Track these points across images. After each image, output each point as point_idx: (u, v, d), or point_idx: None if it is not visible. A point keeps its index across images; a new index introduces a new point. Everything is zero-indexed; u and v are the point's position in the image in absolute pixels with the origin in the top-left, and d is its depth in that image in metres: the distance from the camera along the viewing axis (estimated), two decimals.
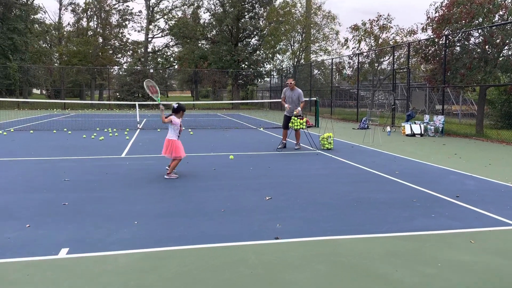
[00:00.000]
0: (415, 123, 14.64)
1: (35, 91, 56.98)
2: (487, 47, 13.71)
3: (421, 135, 14.15)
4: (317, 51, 36.00)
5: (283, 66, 37.92)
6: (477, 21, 14.11)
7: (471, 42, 14.57)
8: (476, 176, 7.37)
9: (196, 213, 5.05)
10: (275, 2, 38.94)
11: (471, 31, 14.23)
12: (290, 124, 10.48)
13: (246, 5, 39.02)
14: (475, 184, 6.74)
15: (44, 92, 56.34)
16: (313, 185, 6.58)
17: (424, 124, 14.54)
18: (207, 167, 8.06)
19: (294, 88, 10.61)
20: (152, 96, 7.75)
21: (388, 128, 15.13)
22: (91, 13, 47.31)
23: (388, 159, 9.25)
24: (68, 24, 49.95)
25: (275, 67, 39.71)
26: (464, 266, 3.62)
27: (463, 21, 14.24)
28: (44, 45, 47.17)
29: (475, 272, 3.49)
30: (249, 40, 41.22)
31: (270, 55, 38.08)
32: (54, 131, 14.91)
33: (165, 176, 6.99)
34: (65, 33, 48.45)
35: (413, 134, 14.15)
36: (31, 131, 14.65)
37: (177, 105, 7.22)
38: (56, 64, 46.26)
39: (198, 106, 37.54)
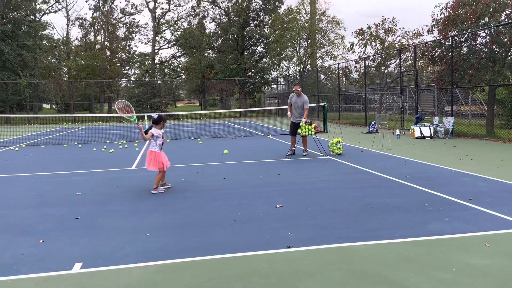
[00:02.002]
0: (424, 125, 14.54)
1: (45, 106, 57.72)
2: (494, 46, 13.61)
3: (431, 137, 14.05)
4: (323, 56, 36.03)
5: (290, 72, 38.03)
6: (483, 21, 14.03)
7: (478, 42, 14.48)
8: (488, 178, 7.28)
9: (208, 223, 5.06)
10: (279, 9, 39.15)
11: (478, 31, 14.15)
12: (298, 131, 10.48)
13: (251, 14, 39.27)
14: (488, 186, 6.67)
15: (54, 106, 57.04)
16: (323, 192, 6.56)
17: (434, 126, 14.44)
18: (217, 176, 8.08)
19: (300, 95, 10.62)
20: (126, 117, 7.46)
21: (398, 131, 15.04)
22: (98, 27, 47.94)
23: (399, 162, 9.19)
24: (76, 38, 50.74)
25: (282, 73, 39.81)
26: (480, 270, 3.57)
27: (469, 22, 14.18)
28: (53, 60, 47.88)
29: (491, 276, 3.45)
30: (255, 48, 41.42)
31: (276, 62, 38.22)
32: (65, 145, 15.07)
33: (152, 191, 6.76)
34: (73, 47, 49.13)
35: (423, 137, 14.06)
36: (42, 146, 14.81)
37: (157, 115, 7.05)
38: (65, 79, 46.87)
39: (206, 115, 37.71)
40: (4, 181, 8.25)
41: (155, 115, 7.07)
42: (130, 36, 48.59)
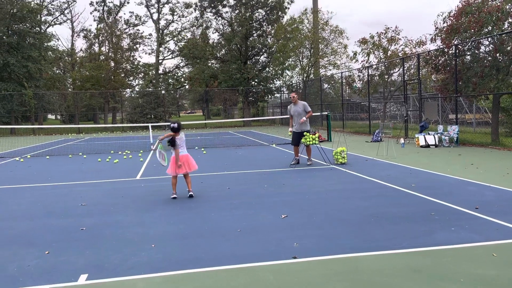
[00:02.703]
0: (429, 133, 14.51)
1: (50, 116, 58.10)
2: (498, 55, 13.62)
3: (436, 145, 14.00)
4: (326, 65, 36.13)
5: (293, 81, 38.14)
6: (486, 30, 14.06)
7: (481, 50, 14.49)
8: (494, 187, 7.24)
9: (213, 234, 5.05)
10: (282, 19, 39.38)
11: (481, 40, 14.17)
12: (302, 140, 10.47)
13: (254, 24, 39.55)
14: (494, 195, 6.63)
15: (58, 117, 57.39)
16: (328, 201, 6.54)
17: (438, 134, 14.40)
18: (221, 186, 8.07)
19: (297, 102, 10.62)
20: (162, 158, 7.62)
21: (402, 140, 15.01)
22: (103, 38, 48.36)
23: (404, 171, 9.16)
24: (81, 50, 51.14)
25: (285, 83, 39.93)
26: (487, 280, 3.54)
27: (472, 30, 14.21)
28: (57, 71, 48.25)
29: (498, 286, 3.41)
30: (258, 57, 41.64)
31: (280, 71, 38.36)
32: (70, 155, 15.12)
33: (192, 194, 7.21)
34: (77, 58, 49.54)
35: (427, 145, 14.01)
36: (47, 157, 14.87)
37: (176, 124, 7.16)
38: (69, 89, 47.20)
39: (209, 124, 37.79)
40: (9, 192, 8.28)
41: (173, 124, 7.17)
42: (134, 47, 48.98)
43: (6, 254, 4.58)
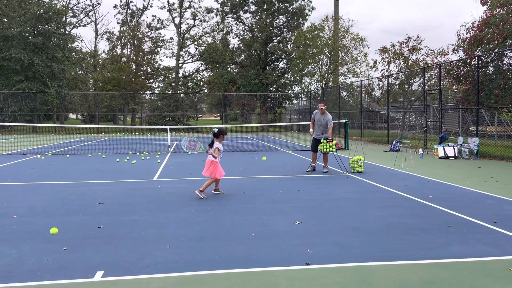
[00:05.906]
0: (448, 145, 14.30)
1: (71, 116, 59.21)
2: None
3: (455, 157, 13.80)
4: (346, 73, 36.00)
5: (311, 88, 38.09)
6: (510, 41, 13.84)
7: (505, 62, 14.26)
8: None
9: (227, 237, 5.09)
10: (302, 26, 39.43)
11: (505, 51, 13.95)
12: (319, 147, 10.45)
13: (274, 30, 39.68)
14: None
15: (79, 117, 58.45)
16: (344, 209, 6.51)
17: (458, 146, 14.19)
18: (237, 191, 8.12)
19: (324, 113, 10.63)
20: (193, 152, 8.13)
21: (421, 151, 14.83)
22: (125, 41, 49.16)
23: (421, 182, 9.05)
24: (103, 51, 52.25)
25: (303, 89, 39.91)
26: None
27: (496, 42, 14.00)
28: (80, 72, 49.23)
29: None
30: (277, 63, 41.74)
31: (298, 78, 38.38)
32: (89, 155, 15.39)
33: (196, 192, 7.46)
34: (100, 60, 50.47)
35: (446, 157, 13.81)
36: (67, 155, 15.17)
37: (217, 129, 7.65)
38: (91, 90, 48.06)
39: (227, 129, 37.97)
40: (30, 188, 8.48)
41: (215, 129, 7.66)
42: (156, 50, 49.65)
43: (25, 248, 4.70)
